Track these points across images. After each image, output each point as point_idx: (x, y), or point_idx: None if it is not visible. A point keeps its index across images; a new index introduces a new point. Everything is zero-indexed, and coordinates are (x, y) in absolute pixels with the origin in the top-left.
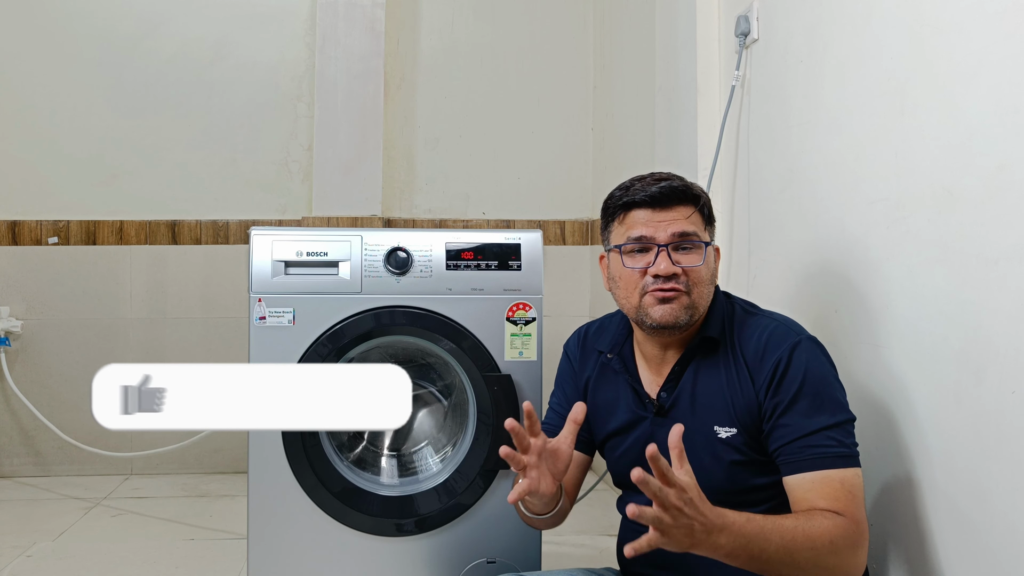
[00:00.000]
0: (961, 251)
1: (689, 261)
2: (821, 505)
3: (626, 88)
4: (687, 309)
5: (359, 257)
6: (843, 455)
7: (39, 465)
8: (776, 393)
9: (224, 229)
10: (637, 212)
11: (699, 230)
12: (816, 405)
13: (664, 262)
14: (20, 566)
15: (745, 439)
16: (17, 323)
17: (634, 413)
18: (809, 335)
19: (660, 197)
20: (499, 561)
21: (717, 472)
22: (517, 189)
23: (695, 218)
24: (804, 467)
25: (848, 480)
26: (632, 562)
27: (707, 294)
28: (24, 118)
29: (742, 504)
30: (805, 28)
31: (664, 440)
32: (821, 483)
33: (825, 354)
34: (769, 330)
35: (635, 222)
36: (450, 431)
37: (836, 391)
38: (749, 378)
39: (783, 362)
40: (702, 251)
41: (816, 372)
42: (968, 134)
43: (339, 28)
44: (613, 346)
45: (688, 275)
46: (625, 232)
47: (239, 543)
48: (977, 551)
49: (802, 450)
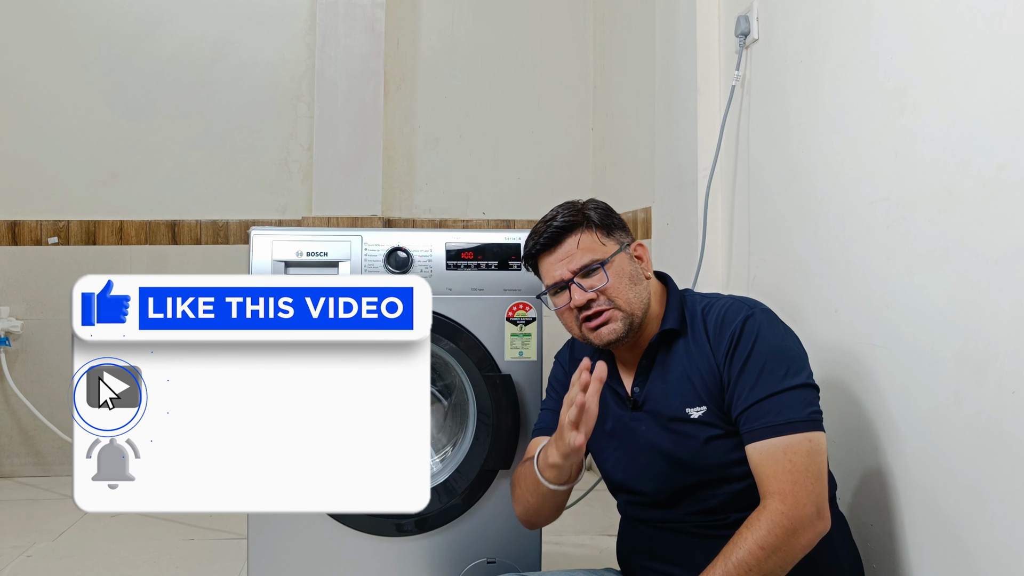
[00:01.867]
0: (961, 251)
1: (597, 283)
2: (763, 487)
3: (626, 88)
4: (623, 321)
5: (359, 257)
6: (792, 421)
7: (39, 465)
8: (730, 364)
9: (224, 229)
10: (544, 259)
11: (595, 252)
12: (767, 371)
13: (577, 293)
14: (20, 566)
15: (717, 413)
16: (17, 323)
17: (616, 412)
18: (764, 307)
19: (552, 238)
20: (499, 561)
21: (696, 451)
22: (517, 189)
23: (587, 240)
24: (755, 436)
25: (793, 448)
26: (632, 561)
27: (637, 295)
28: (24, 118)
29: (722, 480)
30: (805, 28)
31: (644, 434)
32: (768, 456)
33: (781, 324)
34: (725, 308)
35: (546, 270)
36: (450, 431)
37: (791, 356)
38: (710, 352)
39: (736, 332)
40: (601, 271)
41: (767, 340)
42: (968, 134)
43: (339, 28)
44: (593, 354)
45: (605, 292)
46: (545, 280)
47: (239, 543)
48: (978, 551)
49: (753, 419)
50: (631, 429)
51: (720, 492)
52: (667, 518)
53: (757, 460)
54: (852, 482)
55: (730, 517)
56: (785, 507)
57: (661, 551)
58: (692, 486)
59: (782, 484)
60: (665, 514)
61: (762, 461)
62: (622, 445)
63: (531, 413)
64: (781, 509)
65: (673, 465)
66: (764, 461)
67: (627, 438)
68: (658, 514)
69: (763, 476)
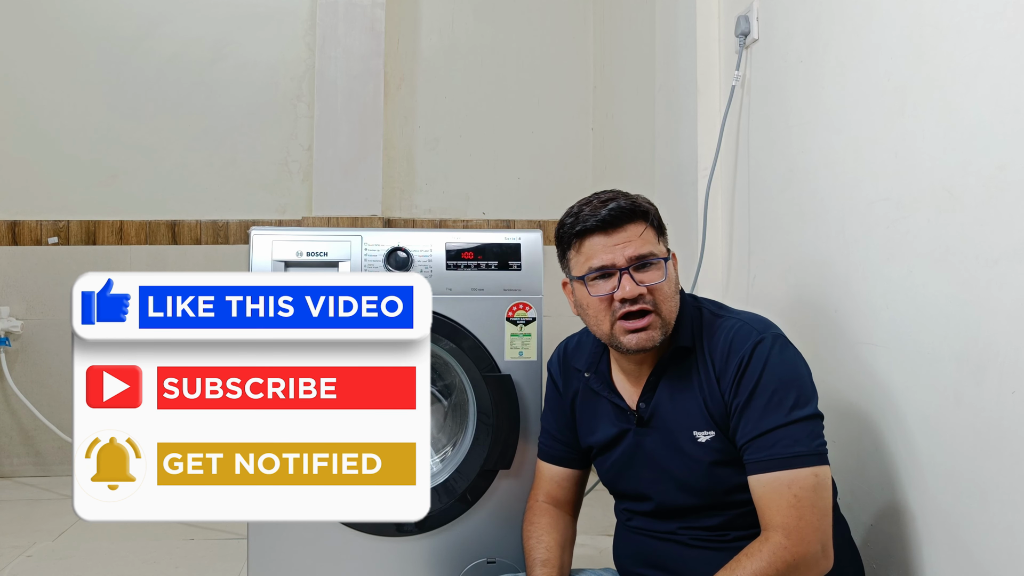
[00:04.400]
0: (961, 251)
1: (652, 279)
2: (765, 519)
3: (626, 88)
4: (660, 330)
5: (359, 257)
6: (799, 455)
7: (39, 465)
8: (736, 392)
9: (224, 229)
10: (592, 239)
11: (654, 247)
12: (773, 403)
13: (629, 284)
14: (20, 566)
15: (723, 440)
16: (17, 323)
17: (618, 426)
18: (775, 332)
19: (611, 219)
20: (499, 561)
21: (699, 474)
22: (517, 189)
23: (648, 234)
24: (759, 468)
25: (798, 483)
26: (628, 567)
27: (674, 307)
28: (24, 118)
29: (725, 505)
30: (805, 28)
31: (649, 448)
32: (771, 490)
33: (791, 351)
34: (734, 331)
35: (593, 250)
36: (450, 431)
37: (799, 388)
38: (716, 380)
39: (744, 360)
40: (662, 267)
41: (775, 369)
42: (968, 134)
43: (339, 28)
44: (590, 364)
45: (653, 293)
46: (585, 263)
47: (239, 543)
48: (978, 551)
49: (758, 450)
50: (635, 443)
51: (723, 514)
52: (666, 530)
53: (761, 492)
54: (852, 482)
55: (730, 535)
56: (789, 543)
57: (658, 559)
58: (695, 507)
59: (786, 519)
60: (664, 525)
61: (765, 494)
62: (624, 457)
63: (531, 413)
64: (784, 544)
65: (677, 485)
66: (768, 494)
67: (630, 451)
68: (658, 525)
69: (767, 509)
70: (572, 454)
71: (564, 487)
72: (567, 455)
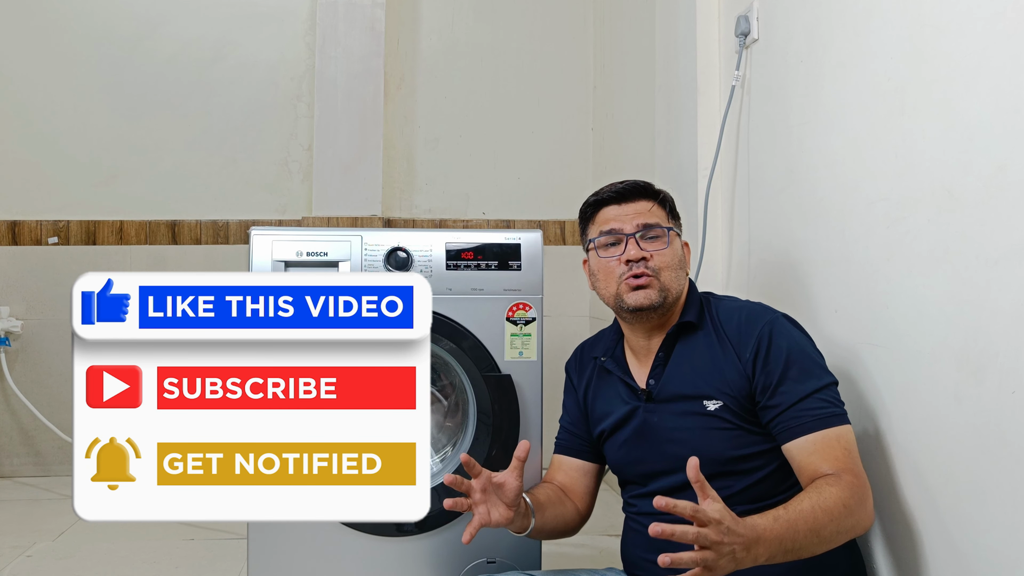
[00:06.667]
0: (961, 251)
1: (655, 247)
2: (824, 468)
3: (626, 88)
4: (660, 292)
5: (359, 257)
6: (836, 414)
7: (39, 465)
8: (765, 371)
9: (224, 229)
10: (606, 209)
11: (661, 220)
12: (804, 373)
13: (632, 248)
14: (20, 566)
15: (733, 410)
16: (17, 323)
17: (629, 404)
18: (782, 313)
19: (624, 192)
20: (499, 561)
21: (710, 443)
22: (517, 189)
23: (656, 210)
24: (803, 431)
25: (844, 437)
26: (635, 555)
27: (677, 279)
28: (24, 118)
29: (736, 472)
30: (805, 28)
31: (657, 424)
32: (822, 444)
33: (799, 326)
34: (747, 309)
35: (605, 218)
36: (450, 431)
37: (817, 358)
38: (733, 351)
39: (765, 339)
40: (665, 237)
41: (797, 344)
42: (968, 134)
43: (339, 28)
44: (607, 351)
45: (655, 259)
46: (597, 228)
47: (239, 543)
48: (978, 551)
49: (798, 416)
50: (644, 420)
51: (727, 485)
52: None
53: (811, 450)
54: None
55: (738, 509)
56: (857, 480)
57: (664, 543)
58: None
59: (846, 463)
60: None
61: (817, 451)
62: (634, 436)
63: (531, 413)
64: (853, 481)
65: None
66: (820, 450)
67: (639, 429)
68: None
69: (823, 461)
70: (584, 445)
71: (572, 476)
72: (579, 446)
